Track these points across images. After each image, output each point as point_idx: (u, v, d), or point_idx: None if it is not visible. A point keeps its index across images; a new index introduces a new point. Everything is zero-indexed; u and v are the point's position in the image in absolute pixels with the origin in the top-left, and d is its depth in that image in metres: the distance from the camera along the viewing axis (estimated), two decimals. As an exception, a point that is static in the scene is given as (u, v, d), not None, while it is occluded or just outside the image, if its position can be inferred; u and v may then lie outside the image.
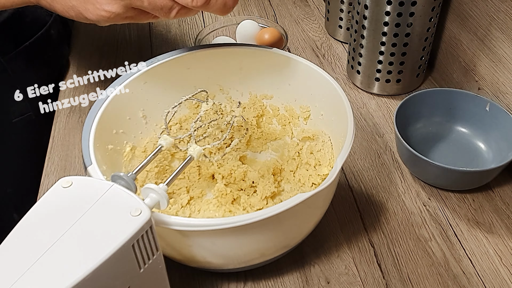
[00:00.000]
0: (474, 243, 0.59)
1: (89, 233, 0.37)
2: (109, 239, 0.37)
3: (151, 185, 0.43)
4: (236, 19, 0.91)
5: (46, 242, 0.36)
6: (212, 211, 0.58)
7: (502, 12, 0.65)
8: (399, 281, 0.56)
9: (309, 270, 0.57)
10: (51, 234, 0.37)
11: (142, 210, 0.39)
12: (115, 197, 0.40)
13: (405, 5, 0.69)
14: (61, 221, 0.38)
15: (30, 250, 0.36)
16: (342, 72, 0.86)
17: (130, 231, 0.37)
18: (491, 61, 0.69)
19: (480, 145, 0.69)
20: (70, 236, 0.37)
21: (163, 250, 0.44)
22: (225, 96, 0.65)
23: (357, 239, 0.60)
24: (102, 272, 0.36)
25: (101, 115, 0.53)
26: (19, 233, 0.37)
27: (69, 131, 0.76)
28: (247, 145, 0.67)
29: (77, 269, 0.35)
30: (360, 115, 0.77)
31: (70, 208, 0.39)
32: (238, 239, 0.47)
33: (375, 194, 0.65)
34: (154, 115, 0.62)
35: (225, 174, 0.61)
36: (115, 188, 0.41)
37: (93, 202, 0.39)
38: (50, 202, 0.40)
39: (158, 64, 0.59)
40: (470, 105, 0.70)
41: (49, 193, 0.40)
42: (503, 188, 0.65)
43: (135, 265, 0.39)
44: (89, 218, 0.38)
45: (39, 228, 0.38)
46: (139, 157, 0.60)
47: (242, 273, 0.56)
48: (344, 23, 0.91)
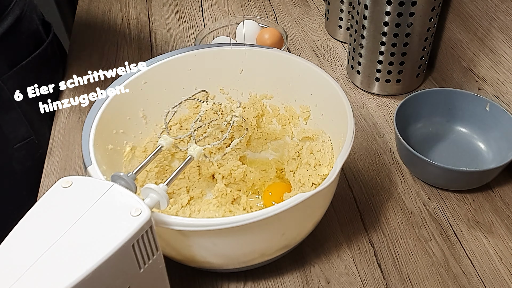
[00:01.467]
0: (474, 243, 0.59)
1: (89, 233, 0.37)
2: (109, 239, 0.37)
3: (151, 185, 0.43)
4: (236, 19, 0.91)
5: (46, 242, 0.36)
6: (212, 211, 0.58)
7: (502, 12, 0.65)
8: (399, 281, 0.56)
9: (309, 270, 0.57)
10: (51, 234, 0.37)
11: (142, 210, 0.39)
12: (115, 197, 0.40)
13: (405, 5, 0.69)
14: (61, 221, 0.38)
15: (30, 250, 0.36)
16: (342, 72, 0.86)
17: (130, 231, 0.38)
18: (491, 61, 0.69)
19: (480, 145, 0.69)
20: (70, 236, 0.37)
21: (163, 250, 0.44)
22: (225, 96, 0.65)
23: (357, 239, 0.60)
24: (102, 272, 0.36)
25: (101, 115, 0.53)
26: (19, 233, 0.37)
27: (69, 131, 0.76)
28: (247, 145, 0.67)
29: (77, 269, 0.35)
30: (360, 115, 0.77)
31: (70, 208, 0.39)
32: (238, 239, 0.47)
33: (375, 194, 0.65)
34: (154, 115, 0.62)
35: (225, 174, 0.61)
36: (115, 188, 0.41)
37: (93, 202, 0.39)
38: (50, 202, 0.40)
39: (158, 64, 0.59)
40: (470, 105, 0.70)
41: (49, 193, 0.40)
42: (503, 188, 0.65)
43: (135, 265, 0.39)
44: (89, 218, 0.38)
45: (39, 228, 0.38)
46: (139, 157, 0.60)
47: (242, 273, 0.56)
48: (344, 23, 0.91)
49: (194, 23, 1.00)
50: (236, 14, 1.02)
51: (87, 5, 1.07)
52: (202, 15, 1.02)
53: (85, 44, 0.95)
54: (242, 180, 0.62)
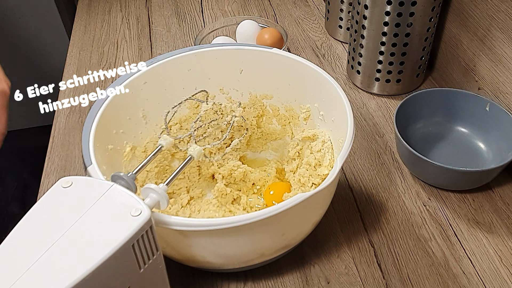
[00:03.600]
0: (474, 243, 0.59)
1: (89, 233, 0.37)
2: (109, 239, 0.37)
3: (151, 185, 0.43)
4: (236, 19, 0.91)
5: (46, 242, 0.36)
6: (212, 211, 0.58)
7: (502, 12, 0.65)
8: (399, 281, 0.56)
9: (309, 270, 0.57)
10: (51, 234, 0.37)
11: (142, 210, 0.39)
12: (115, 197, 0.40)
13: (405, 5, 0.69)
14: (61, 221, 0.38)
15: (30, 250, 0.36)
16: (342, 72, 0.86)
17: (130, 231, 0.38)
18: (491, 61, 0.69)
19: (480, 145, 0.69)
20: (70, 236, 0.37)
21: (163, 250, 0.44)
22: (225, 96, 0.65)
23: (357, 239, 0.60)
24: (102, 272, 0.36)
25: (101, 115, 0.53)
26: (19, 233, 0.37)
27: (69, 131, 0.76)
28: (247, 145, 0.67)
29: (77, 269, 0.35)
30: (360, 115, 0.77)
31: (70, 208, 0.39)
32: (238, 239, 0.47)
33: (375, 194, 0.65)
34: (154, 115, 0.62)
35: (225, 174, 0.61)
36: (115, 188, 0.41)
37: (93, 202, 0.39)
38: (50, 202, 0.40)
39: (158, 64, 0.59)
40: (470, 105, 0.70)
41: (49, 193, 0.40)
42: (503, 188, 0.65)
43: (135, 265, 0.39)
44: (89, 218, 0.38)
45: (39, 228, 0.38)
46: (139, 157, 0.60)
47: (242, 273, 0.56)
48: (344, 23, 0.91)
49: (194, 23, 1.00)
50: (236, 14, 1.02)
51: (87, 5, 1.07)
52: (202, 15, 1.02)
53: (85, 44, 0.95)
54: (242, 180, 0.62)
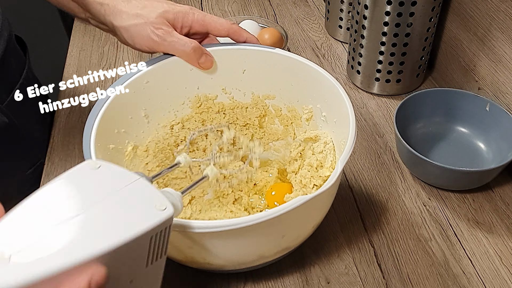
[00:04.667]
0: (474, 243, 0.59)
1: (113, 213, 0.36)
2: (132, 224, 0.36)
3: (171, 190, 0.43)
4: (236, 19, 0.91)
5: (70, 211, 0.35)
6: (213, 211, 0.58)
7: (502, 12, 0.65)
8: (399, 281, 0.56)
9: (309, 270, 0.57)
10: (76, 205, 0.36)
11: (167, 206, 0.39)
12: (142, 189, 0.39)
13: (405, 5, 0.69)
14: (87, 197, 0.37)
15: (51, 215, 0.35)
16: (342, 72, 0.86)
17: (154, 222, 0.37)
18: (491, 61, 0.69)
19: (480, 145, 0.70)
20: (94, 212, 0.36)
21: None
22: (227, 96, 0.65)
23: (357, 239, 0.60)
24: (118, 254, 0.34)
25: (103, 114, 0.53)
26: (42, 196, 0.36)
27: (69, 131, 0.76)
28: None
29: (96, 244, 0.34)
30: (360, 115, 0.77)
31: (96, 187, 0.38)
32: (238, 241, 0.47)
33: (375, 194, 0.65)
34: (156, 114, 0.62)
35: (226, 174, 0.61)
36: (142, 181, 0.40)
37: (120, 188, 0.38)
38: (78, 177, 0.38)
39: (161, 64, 0.59)
40: (470, 105, 0.70)
41: (76, 169, 0.39)
42: (503, 188, 0.65)
43: (144, 259, 0.39)
44: (116, 199, 0.37)
45: (65, 196, 0.36)
46: (141, 157, 0.60)
47: (242, 273, 0.56)
48: (344, 23, 0.91)
49: (194, 23, 1.00)
50: (236, 14, 1.02)
51: (87, 4, 1.07)
52: (202, 15, 1.02)
53: (85, 44, 0.95)
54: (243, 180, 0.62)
